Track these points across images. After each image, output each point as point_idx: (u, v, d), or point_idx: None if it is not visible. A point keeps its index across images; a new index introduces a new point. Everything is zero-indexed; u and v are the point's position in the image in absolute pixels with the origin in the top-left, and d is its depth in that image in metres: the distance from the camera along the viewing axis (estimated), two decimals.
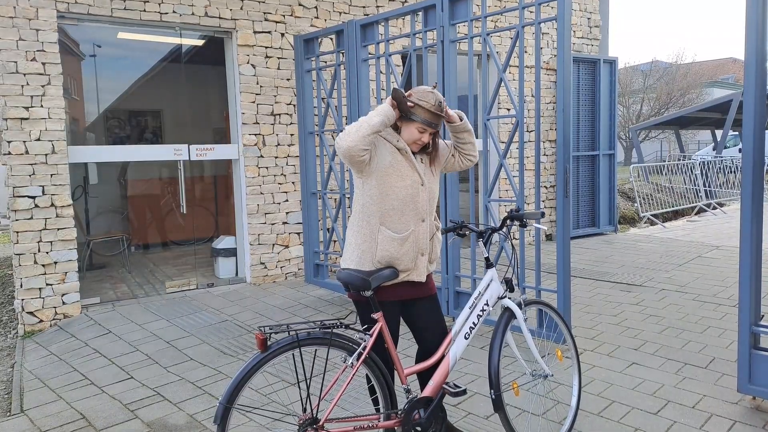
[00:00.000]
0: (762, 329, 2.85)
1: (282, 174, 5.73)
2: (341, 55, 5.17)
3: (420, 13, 4.38)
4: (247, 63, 5.49)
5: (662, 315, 4.43)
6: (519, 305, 2.55)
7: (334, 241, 5.90)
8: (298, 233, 5.83)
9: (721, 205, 11.09)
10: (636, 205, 9.77)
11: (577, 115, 7.51)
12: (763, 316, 3.00)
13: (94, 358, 3.91)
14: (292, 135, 5.76)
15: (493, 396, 2.36)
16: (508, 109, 7.09)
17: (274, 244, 5.72)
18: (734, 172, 12.10)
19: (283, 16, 5.66)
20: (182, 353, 3.93)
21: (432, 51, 4.55)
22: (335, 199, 5.76)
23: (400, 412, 2.26)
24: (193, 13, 5.18)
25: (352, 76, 4.94)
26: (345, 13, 6.00)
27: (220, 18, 5.33)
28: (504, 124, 7.10)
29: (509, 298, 2.55)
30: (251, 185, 5.57)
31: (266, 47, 5.58)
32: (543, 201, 7.39)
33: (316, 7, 5.83)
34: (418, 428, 2.28)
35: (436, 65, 4.29)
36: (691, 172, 11.11)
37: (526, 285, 3.96)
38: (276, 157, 5.69)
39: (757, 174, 2.81)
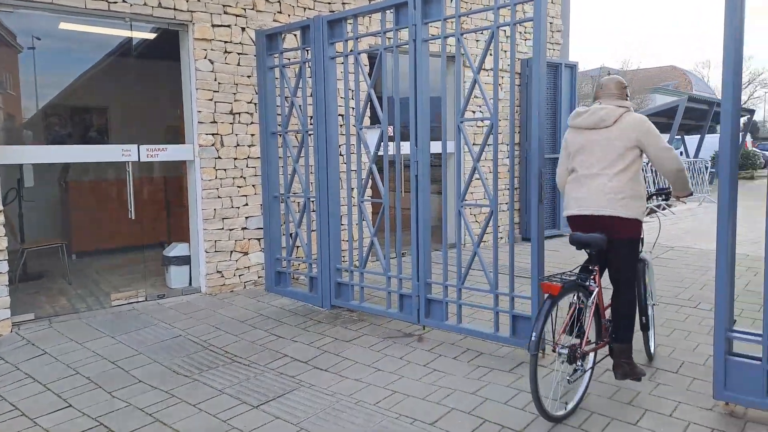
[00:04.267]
0: (736, 335, 2.83)
1: (241, 176, 5.43)
2: (307, 52, 4.93)
3: (391, 10, 4.21)
4: (205, 58, 5.17)
5: None
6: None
7: (298, 247, 5.65)
8: (259, 239, 5.54)
9: (669, 206, 11.46)
10: None
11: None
12: (735, 320, 3.00)
13: (26, 384, 3.49)
14: (252, 135, 5.46)
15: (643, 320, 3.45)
16: (473, 112, 7.04)
17: (232, 251, 5.41)
18: None
19: (244, 9, 5.37)
20: (129, 375, 3.59)
21: (403, 51, 4.39)
22: (299, 203, 5.51)
23: (605, 338, 3.20)
24: (145, 4, 4.82)
25: (318, 74, 4.72)
26: (310, 8, 5.76)
27: (175, 9, 4.98)
28: (469, 127, 7.04)
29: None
30: (208, 188, 5.24)
31: (225, 42, 5.27)
32: (508, 203, 7.37)
33: (279, 2, 5.56)
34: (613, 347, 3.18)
35: (408, 66, 4.13)
36: (642, 173, 11.42)
37: (499, 291, 3.85)
38: (235, 159, 5.38)
39: (734, 180, 2.79)
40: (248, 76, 5.42)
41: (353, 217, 4.84)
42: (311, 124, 5.12)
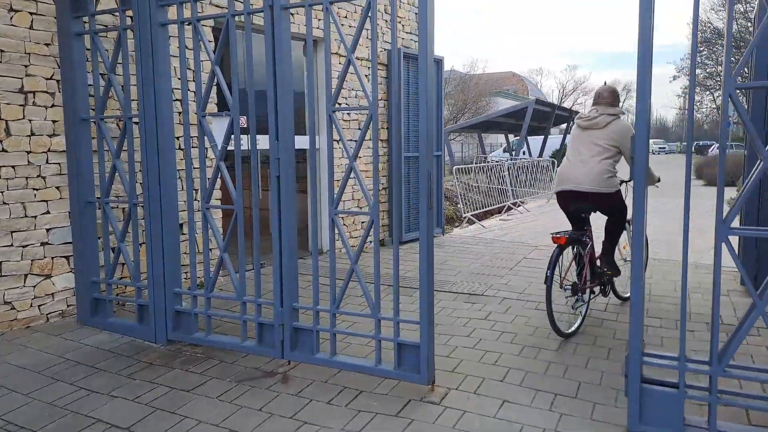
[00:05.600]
0: (652, 360, 2.53)
1: (39, 176, 4.10)
2: (129, 17, 3.83)
3: None
4: None
5: (513, 330, 4.11)
6: None
7: (122, 264, 4.48)
8: (67, 257, 4.26)
9: (523, 203, 12.03)
10: (459, 205, 9.94)
11: (407, 114, 7.14)
12: (644, 342, 2.72)
13: None
14: (55, 122, 4.16)
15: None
16: (340, 104, 6.37)
17: (27, 275, 4.07)
18: (528, 171, 13.33)
19: None
20: None
21: (257, 29, 3.56)
22: (123, 210, 4.36)
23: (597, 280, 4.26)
24: None
25: (144, 45, 3.66)
26: None
27: None
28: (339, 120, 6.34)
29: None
30: None
31: None
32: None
33: None
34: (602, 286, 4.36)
35: (265, 42, 3.31)
36: (500, 172, 11.82)
37: (382, 316, 3.22)
38: (29, 152, 4.04)
39: (644, 203, 2.47)
40: (47, 44, 4.10)
41: (197, 227, 3.87)
42: (137, 109, 4.02)
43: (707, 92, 37.23)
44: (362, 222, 6.88)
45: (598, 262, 4.24)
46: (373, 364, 3.21)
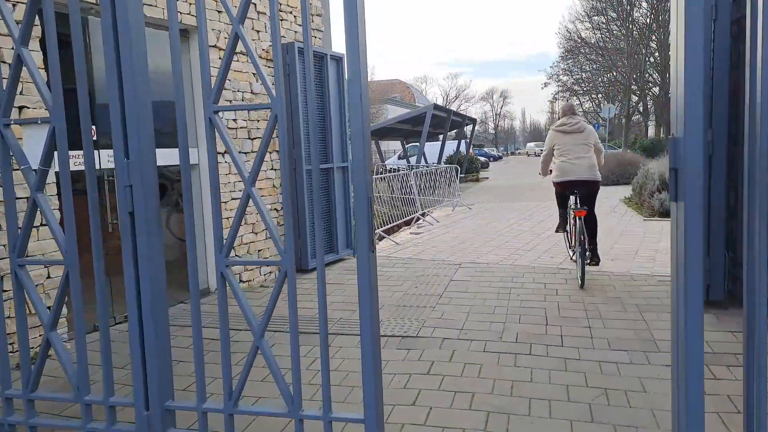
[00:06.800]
0: None
1: None
2: None
3: None
4: None
5: (468, 388, 3.25)
6: None
7: None
8: None
9: (430, 212, 11.44)
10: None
11: (307, 119, 6.11)
12: None
13: None
14: None
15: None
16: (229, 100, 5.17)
17: None
18: (432, 179, 12.85)
19: None
20: None
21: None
22: None
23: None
24: None
25: None
26: None
27: None
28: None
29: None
30: None
31: None
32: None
33: None
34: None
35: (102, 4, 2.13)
36: (406, 181, 11.12)
37: (306, 414, 2.18)
38: None
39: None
40: None
41: (11, 288, 2.55)
42: None
43: (574, 96, 40.43)
44: (258, 250, 5.71)
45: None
46: None
